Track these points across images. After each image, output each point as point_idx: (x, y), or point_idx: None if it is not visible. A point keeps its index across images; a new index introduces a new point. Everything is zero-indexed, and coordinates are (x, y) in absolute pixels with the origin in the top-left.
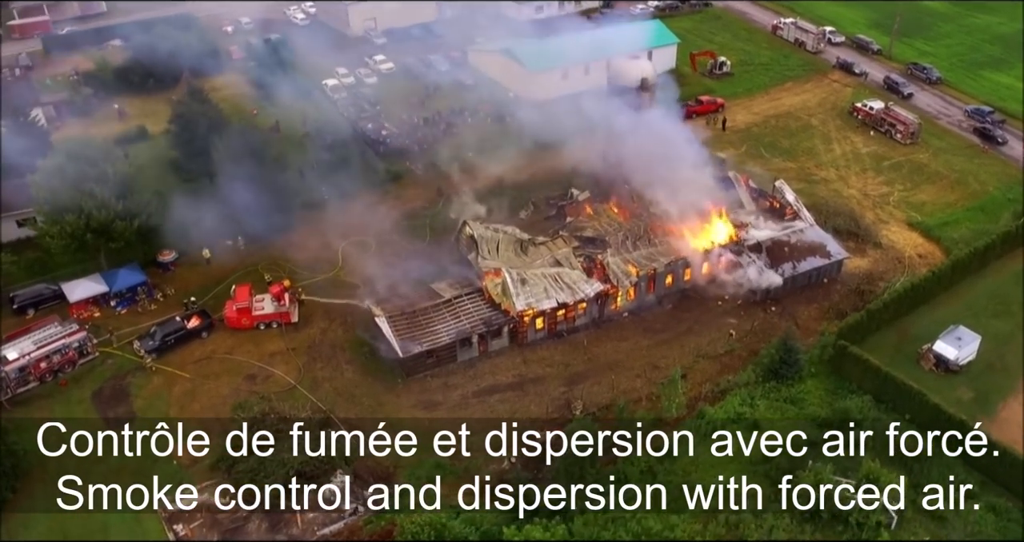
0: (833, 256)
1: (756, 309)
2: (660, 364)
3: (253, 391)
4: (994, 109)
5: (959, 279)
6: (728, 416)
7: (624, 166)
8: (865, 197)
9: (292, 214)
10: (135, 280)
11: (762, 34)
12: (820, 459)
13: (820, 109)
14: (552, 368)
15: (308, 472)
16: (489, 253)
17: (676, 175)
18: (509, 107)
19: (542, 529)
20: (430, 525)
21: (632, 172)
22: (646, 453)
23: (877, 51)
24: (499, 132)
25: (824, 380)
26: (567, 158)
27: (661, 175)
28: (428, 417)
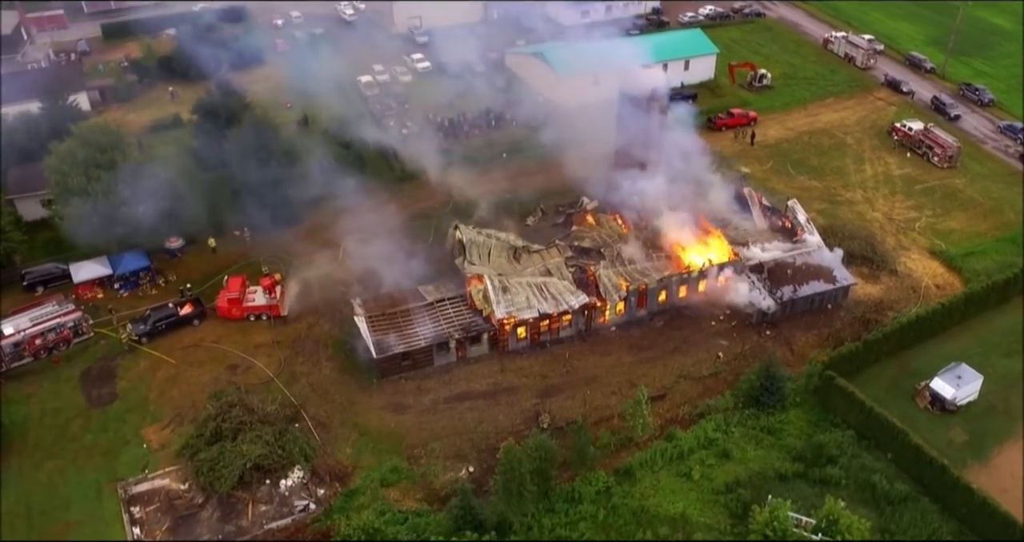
0: (839, 281)
1: (750, 332)
2: (639, 382)
3: (232, 381)
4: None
5: (974, 313)
6: (699, 442)
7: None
8: (889, 221)
9: (301, 209)
10: (139, 264)
11: (812, 47)
12: (788, 493)
13: (858, 127)
14: (528, 379)
15: (266, 466)
16: (480, 259)
17: (676, 192)
18: (532, 112)
19: None
20: (363, 529)
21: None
22: (610, 473)
23: (930, 69)
24: (520, 137)
25: (808, 411)
26: (581, 166)
27: (663, 192)
28: (395, 420)
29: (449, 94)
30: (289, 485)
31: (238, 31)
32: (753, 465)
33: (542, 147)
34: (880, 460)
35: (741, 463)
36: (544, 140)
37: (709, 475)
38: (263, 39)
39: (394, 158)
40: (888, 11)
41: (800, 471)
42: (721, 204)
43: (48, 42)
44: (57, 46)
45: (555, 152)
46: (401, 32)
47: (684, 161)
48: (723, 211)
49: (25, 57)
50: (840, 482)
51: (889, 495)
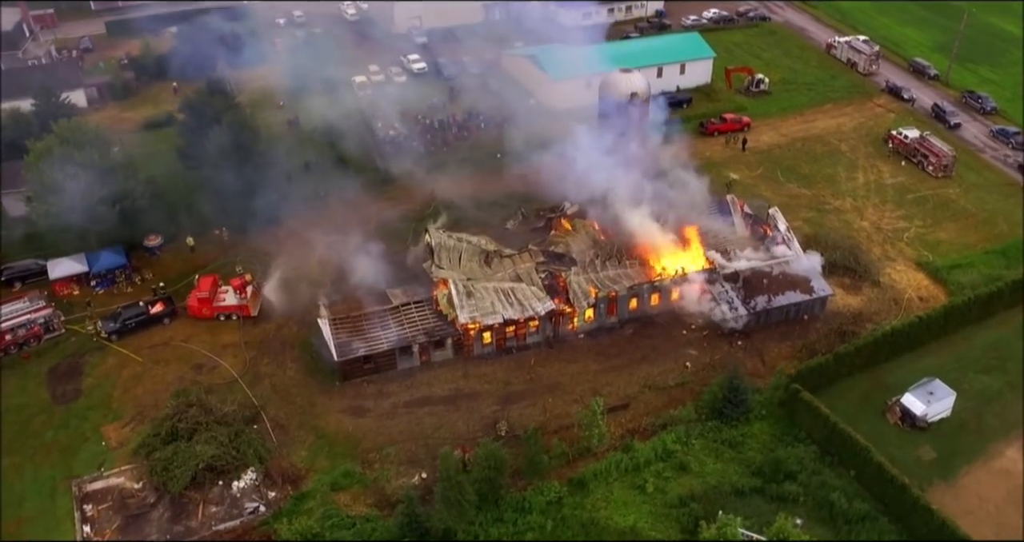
0: (816, 292)
1: (721, 342)
2: (603, 391)
3: (196, 381)
4: (1019, 131)
5: (955, 327)
6: (657, 454)
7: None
8: (877, 231)
9: (281, 209)
10: (115, 262)
11: (815, 52)
12: (744, 509)
13: (854, 134)
14: (491, 385)
15: (220, 467)
16: (450, 262)
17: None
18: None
19: None
20: (303, 533)
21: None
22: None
23: (934, 76)
24: (506, 140)
25: (773, 424)
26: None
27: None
28: (353, 423)
29: (442, 96)
30: (241, 487)
31: (239, 30)
32: (710, 479)
33: (527, 150)
34: (842, 477)
35: (698, 477)
36: (523, 144)
37: (663, 488)
38: (262, 38)
39: (379, 159)
40: (897, 16)
41: (758, 486)
42: (701, 211)
43: (51, 39)
44: (59, 43)
45: (540, 156)
46: (402, 32)
47: (665, 167)
48: (704, 218)
49: (26, 54)
50: (798, 499)
51: (847, 514)
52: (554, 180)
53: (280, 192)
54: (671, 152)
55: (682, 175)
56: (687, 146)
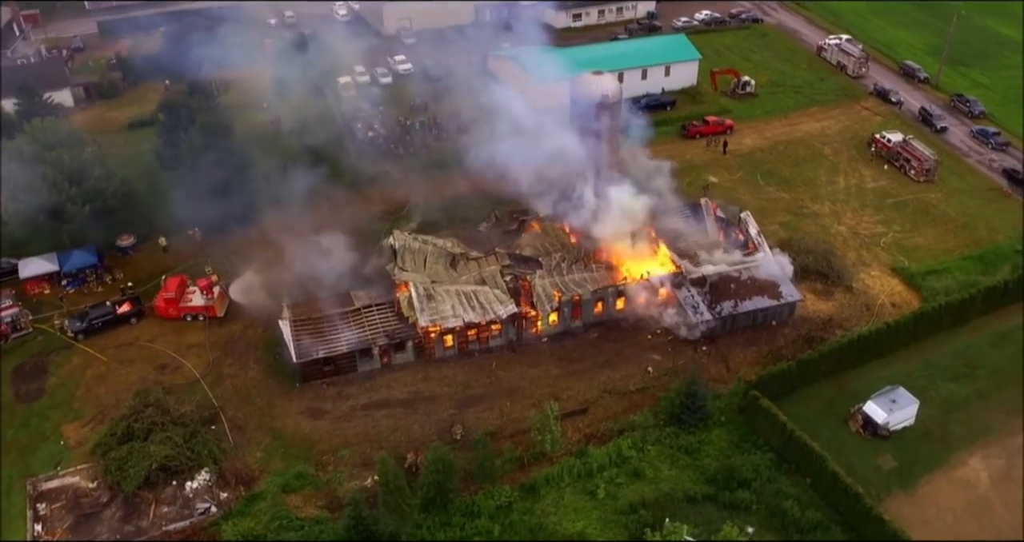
0: (784, 297)
1: (686, 347)
2: (563, 395)
3: (159, 381)
4: (999, 131)
5: (926, 334)
6: (611, 459)
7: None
8: (854, 236)
9: (254, 210)
10: (87, 262)
11: (805, 55)
12: (696, 516)
13: (838, 138)
14: (450, 388)
15: (173, 467)
16: (415, 265)
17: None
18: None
19: None
20: (245, 535)
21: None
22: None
23: (924, 79)
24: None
25: (732, 431)
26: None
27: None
28: (310, 425)
29: (425, 97)
30: (194, 487)
31: (228, 30)
32: (663, 485)
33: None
34: (798, 486)
35: (652, 483)
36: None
37: (615, 494)
38: (252, 38)
39: (357, 160)
40: (891, 19)
41: (711, 494)
42: (673, 214)
43: (41, 38)
44: (50, 42)
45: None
46: (391, 33)
47: (636, 170)
48: (676, 221)
49: (14, 53)
50: (751, 507)
51: (799, 522)
52: (522, 182)
53: (255, 193)
54: (645, 155)
55: (651, 178)
56: (667, 149)
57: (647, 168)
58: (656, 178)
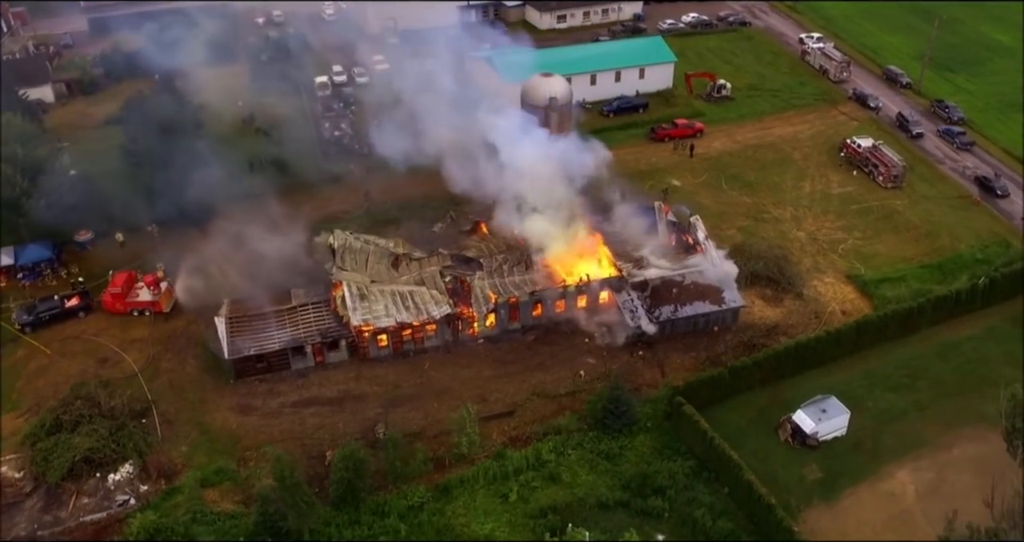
0: (727, 303)
1: (623, 351)
2: (491, 397)
3: (98, 374)
4: (964, 131)
5: (870, 343)
6: (529, 462)
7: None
8: (813, 242)
9: (214, 207)
10: (41, 256)
11: (788, 58)
12: (606, 522)
13: (810, 142)
14: (380, 387)
15: (97, 459)
16: (355, 265)
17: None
18: None
19: None
20: (145, 528)
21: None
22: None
23: (906, 84)
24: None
25: (657, 437)
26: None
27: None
28: (238, 421)
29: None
30: (116, 479)
31: (213, 28)
32: (578, 491)
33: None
34: (716, 495)
35: (567, 488)
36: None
37: (527, 498)
38: (236, 36)
39: (321, 159)
40: (882, 23)
41: (625, 500)
42: (623, 218)
43: (30, 35)
44: (39, 39)
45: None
46: (375, 33)
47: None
48: (627, 225)
49: (1, 49)
50: (663, 514)
51: (710, 531)
52: (467, 183)
53: (216, 190)
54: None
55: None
56: (634, 151)
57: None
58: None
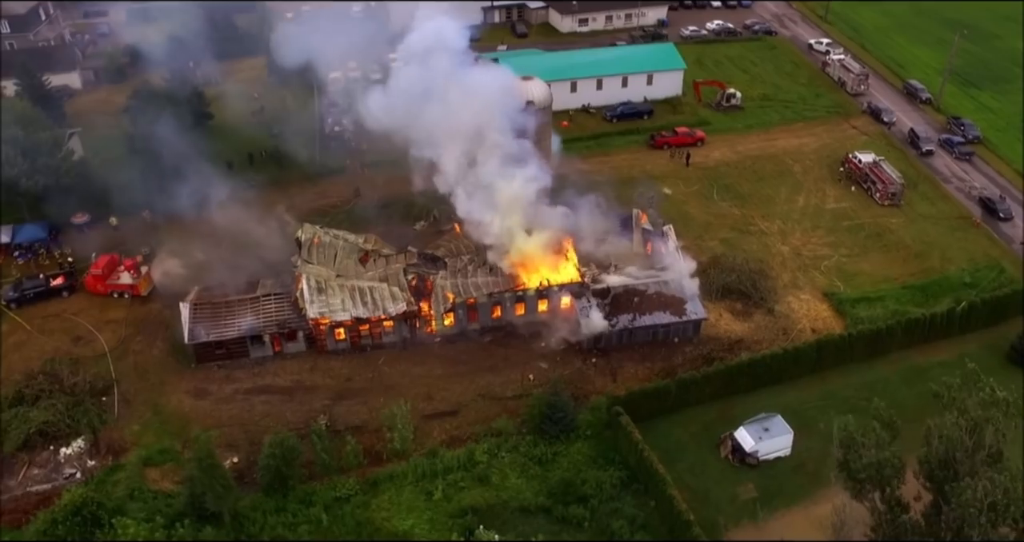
0: (688, 315)
1: (576, 357)
2: (436, 396)
3: (70, 352)
4: (964, 141)
5: (834, 363)
6: (461, 462)
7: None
8: (796, 257)
9: (209, 196)
10: (37, 236)
11: (808, 69)
12: (526, 527)
13: (814, 156)
14: (333, 380)
15: (51, 432)
16: (324, 259)
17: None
18: None
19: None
20: (72, 502)
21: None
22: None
23: (926, 100)
24: None
25: (594, 445)
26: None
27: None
28: (192, 404)
29: None
30: (67, 453)
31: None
32: (504, 494)
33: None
34: (642, 507)
35: (494, 490)
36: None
37: (452, 497)
38: (263, 30)
39: (319, 153)
40: (913, 36)
41: (547, 506)
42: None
43: (68, 23)
44: (77, 27)
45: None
46: (395, 30)
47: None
48: (602, 231)
49: (37, 36)
50: (583, 523)
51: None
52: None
53: (213, 180)
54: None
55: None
56: (630, 158)
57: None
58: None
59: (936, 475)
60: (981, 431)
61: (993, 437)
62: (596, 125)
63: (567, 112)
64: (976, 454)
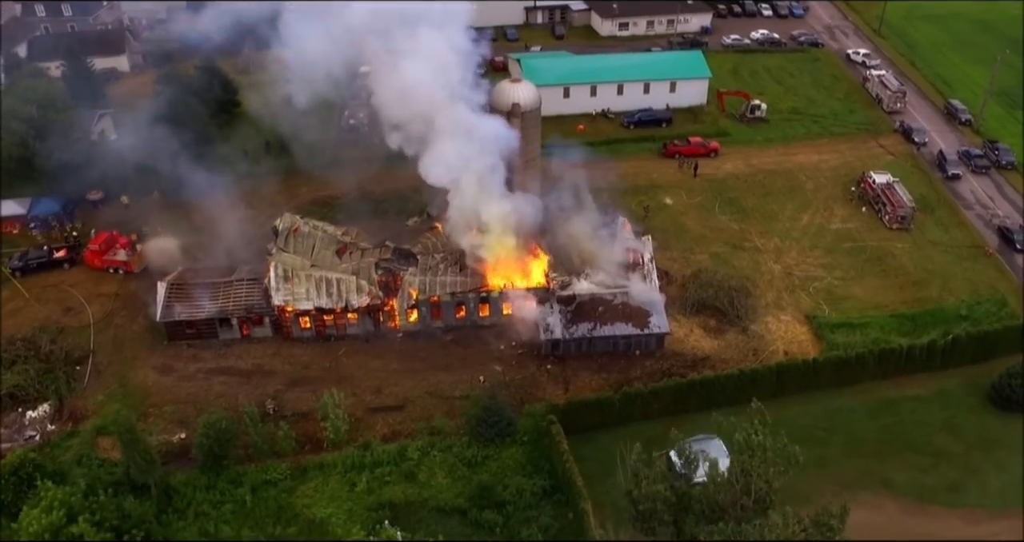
0: (651, 328)
1: (532, 362)
2: (385, 390)
3: (59, 321)
4: (983, 154)
5: (797, 389)
6: (391, 458)
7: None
8: (786, 276)
9: (219, 182)
10: (50, 210)
11: (848, 84)
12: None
13: (831, 173)
14: (291, 367)
15: (21, 396)
16: (303, 248)
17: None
18: None
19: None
20: (12, 462)
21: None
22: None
23: (966, 121)
24: None
25: (528, 452)
26: None
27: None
28: (156, 379)
29: None
30: (32, 416)
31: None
32: (426, 492)
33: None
34: (560, 518)
35: (417, 487)
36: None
37: (375, 490)
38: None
39: (333, 145)
40: (969, 55)
41: (464, 508)
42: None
43: (128, 9)
44: (137, 12)
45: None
46: None
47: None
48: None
49: (96, 20)
50: (495, 528)
51: None
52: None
53: (225, 166)
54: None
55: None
56: (637, 165)
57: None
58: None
59: (712, 518)
60: (747, 476)
61: (760, 483)
62: (612, 131)
63: (591, 115)
64: (742, 499)
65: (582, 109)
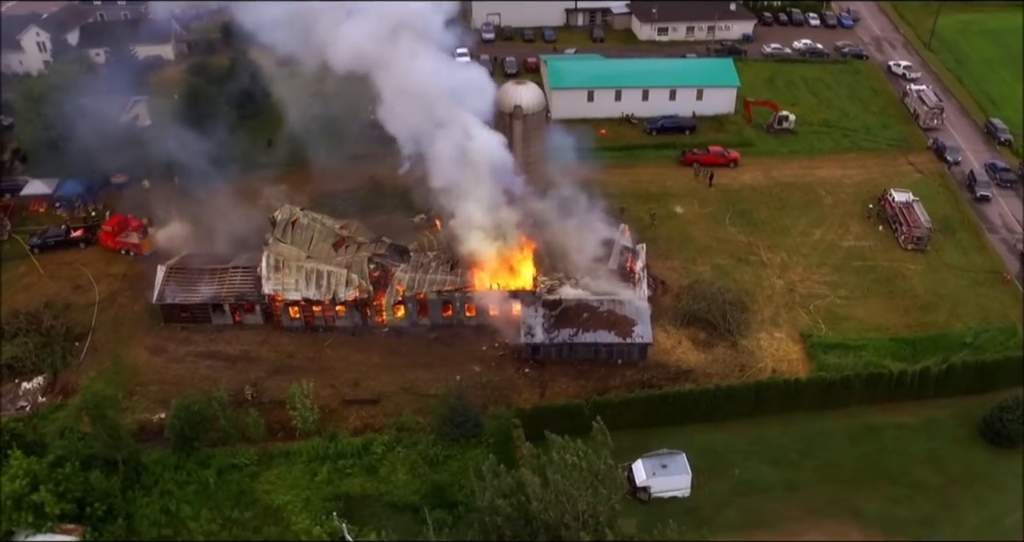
0: (634, 338)
1: (511, 365)
2: (363, 383)
3: (67, 299)
4: (1009, 167)
5: (777, 410)
6: (356, 451)
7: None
8: (788, 293)
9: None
10: (74, 190)
11: (886, 97)
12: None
13: (852, 189)
14: (276, 355)
15: (18, 368)
16: (301, 240)
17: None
18: None
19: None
20: None
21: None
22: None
23: (1005, 141)
24: None
25: (496, 454)
26: None
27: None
28: (147, 359)
29: None
30: (27, 388)
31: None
32: (384, 487)
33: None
34: None
35: (377, 482)
36: None
37: (333, 481)
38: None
39: (353, 140)
40: (1021, 73)
41: (417, 506)
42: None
43: None
44: (192, 4)
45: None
46: (476, 26)
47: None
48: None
49: (147, 10)
50: (443, 528)
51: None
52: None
53: (248, 155)
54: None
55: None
56: (652, 172)
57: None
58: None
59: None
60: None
61: (588, 505)
62: (634, 136)
63: (615, 119)
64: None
65: (606, 113)
